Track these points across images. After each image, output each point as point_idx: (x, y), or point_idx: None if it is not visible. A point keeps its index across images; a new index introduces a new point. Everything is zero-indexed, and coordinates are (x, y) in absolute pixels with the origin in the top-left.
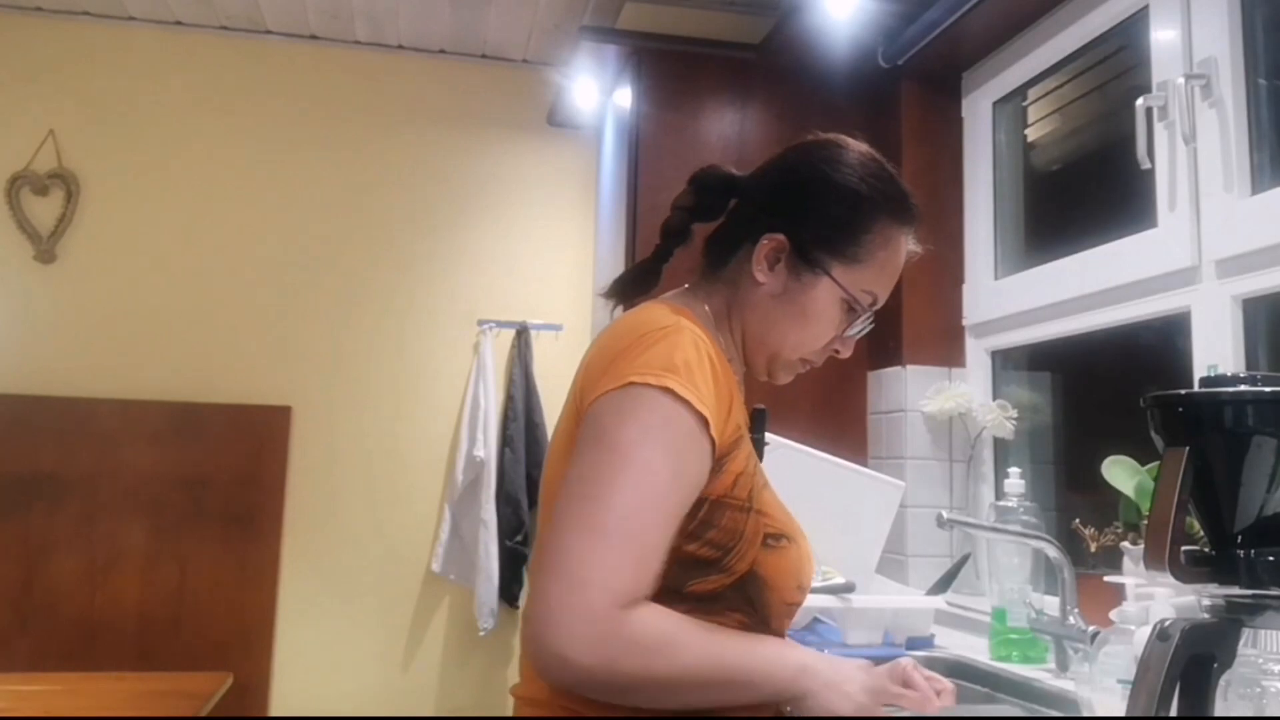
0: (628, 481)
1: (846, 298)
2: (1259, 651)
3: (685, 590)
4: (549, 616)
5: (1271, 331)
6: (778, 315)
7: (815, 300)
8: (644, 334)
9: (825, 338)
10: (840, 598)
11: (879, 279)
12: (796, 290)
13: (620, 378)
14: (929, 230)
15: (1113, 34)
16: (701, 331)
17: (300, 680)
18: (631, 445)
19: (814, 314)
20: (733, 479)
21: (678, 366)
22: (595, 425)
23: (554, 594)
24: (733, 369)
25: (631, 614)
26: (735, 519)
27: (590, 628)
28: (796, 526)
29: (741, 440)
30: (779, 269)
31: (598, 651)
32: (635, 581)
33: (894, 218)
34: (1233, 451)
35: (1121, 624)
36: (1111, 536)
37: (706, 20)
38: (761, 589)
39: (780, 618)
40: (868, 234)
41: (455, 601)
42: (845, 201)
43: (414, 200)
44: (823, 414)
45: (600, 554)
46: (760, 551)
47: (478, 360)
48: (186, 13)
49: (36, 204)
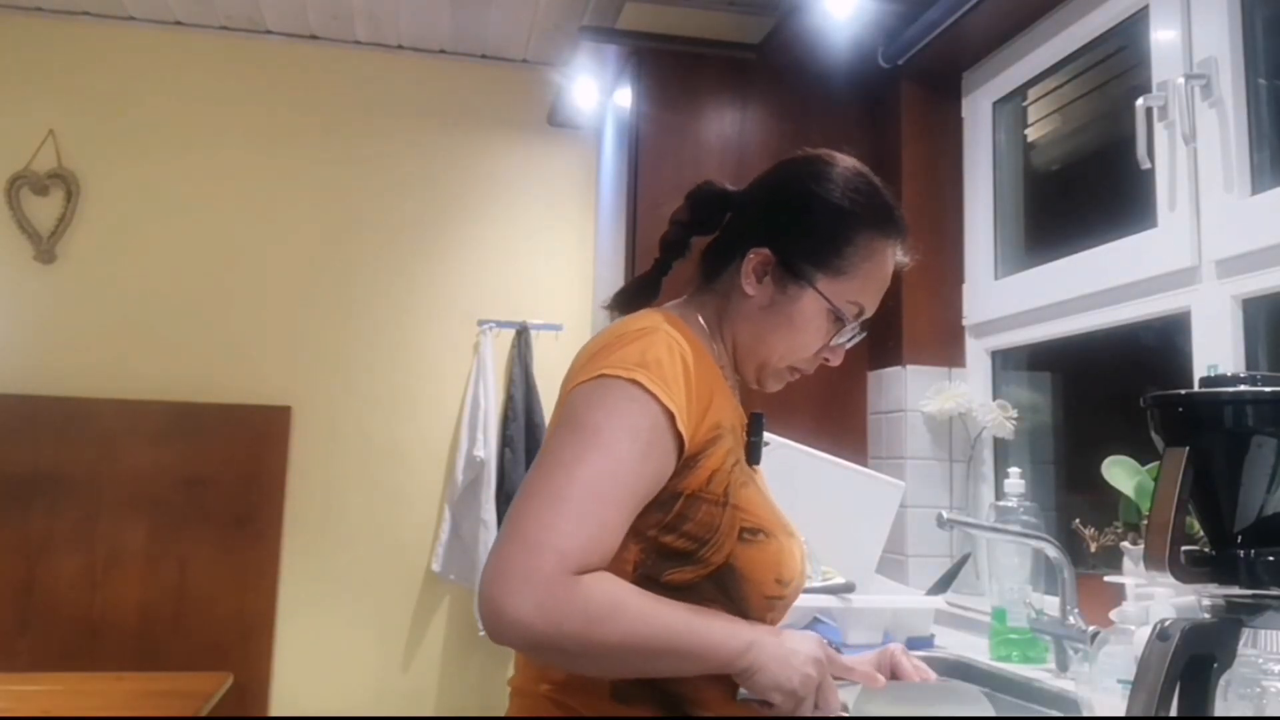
0: (592, 458)
1: (831, 309)
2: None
3: (662, 580)
4: (500, 577)
5: (1271, 331)
6: (765, 326)
7: (801, 312)
8: (622, 334)
9: (812, 348)
10: (840, 598)
11: (864, 290)
12: (783, 302)
13: (594, 370)
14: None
15: (1113, 34)
16: (681, 337)
17: (300, 680)
18: (599, 429)
19: (800, 325)
20: (708, 475)
21: (649, 363)
22: (568, 410)
23: (507, 555)
24: (724, 375)
25: (582, 580)
26: (711, 513)
27: (538, 589)
28: (779, 523)
29: (718, 440)
30: (766, 282)
31: (544, 613)
32: (588, 550)
33: (878, 230)
34: (1233, 451)
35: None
36: (1111, 536)
37: (706, 20)
38: (738, 581)
39: (760, 610)
40: (850, 246)
41: (455, 601)
42: (827, 216)
43: (414, 200)
44: (823, 414)
45: (556, 519)
46: (737, 545)
47: (478, 360)
48: (186, 13)
49: (36, 204)
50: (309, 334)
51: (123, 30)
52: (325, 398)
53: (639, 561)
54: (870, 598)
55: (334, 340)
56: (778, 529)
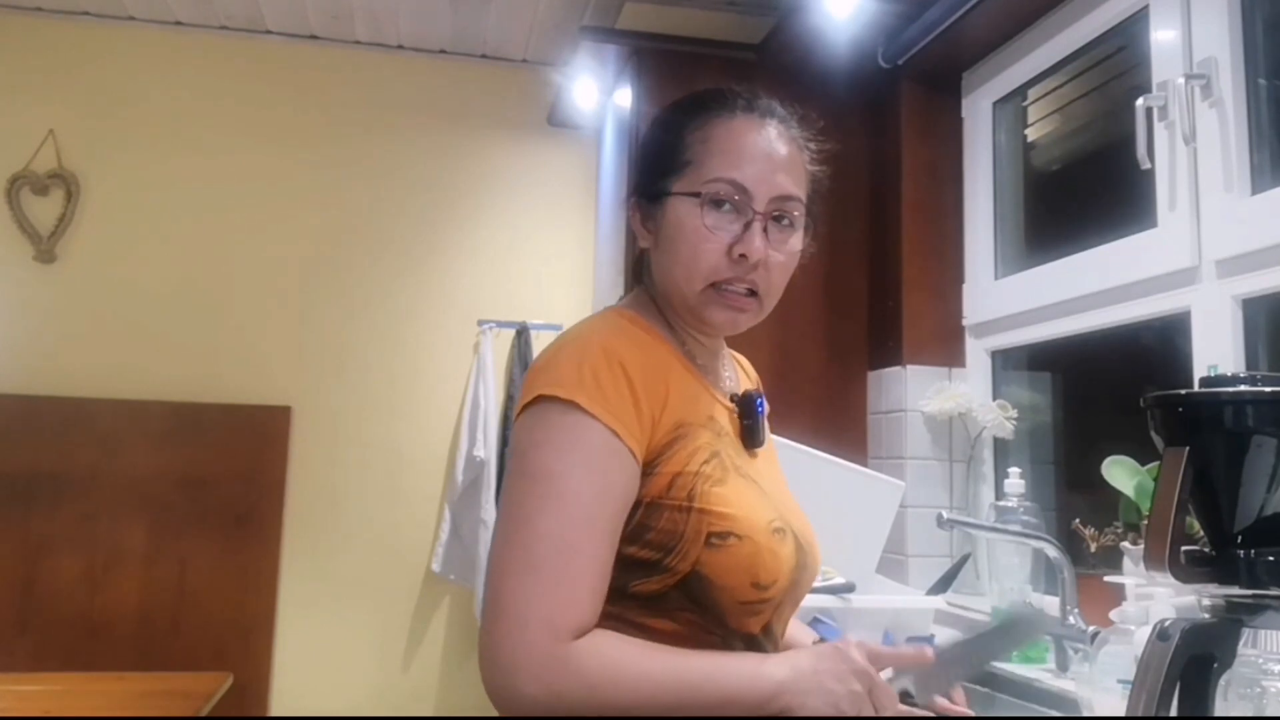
0: (554, 510)
1: (696, 198)
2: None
3: (629, 591)
4: (495, 656)
5: (1271, 331)
6: (664, 260)
7: (674, 221)
8: (559, 346)
9: (711, 249)
10: (840, 598)
11: (723, 164)
12: (661, 228)
13: (532, 392)
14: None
15: (1113, 34)
16: (623, 338)
17: (300, 680)
18: (551, 470)
19: (683, 234)
20: (668, 480)
21: (585, 379)
22: (516, 447)
23: (496, 634)
24: (694, 362)
25: (577, 646)
26: (673, 519)
27: (534, 665)
28: (758, 522)
29: (680, 440)
30: (648, 225)
31: (546, 687)
32: (576, 611)
33: (702, 114)
34: (1233, 451)
35: (1121, 624)
36: (1111, 536)
37: (706, 20)
38: (707, 588)
39: (740, 616)
40: (682, 142)
41: (455, 601)
42: (655, 137)
43: (414, 200)
44: (823, 414)
45: (536, 590)
46: (703, 551)
47: (478, 360)
48: (186, 13)
49: (36, 204)
50: (309, 334)
51: (123, 30)
52: (325, 398)
53: None
54: (870, 598)
55: (334, 340)
56: (754, 529)
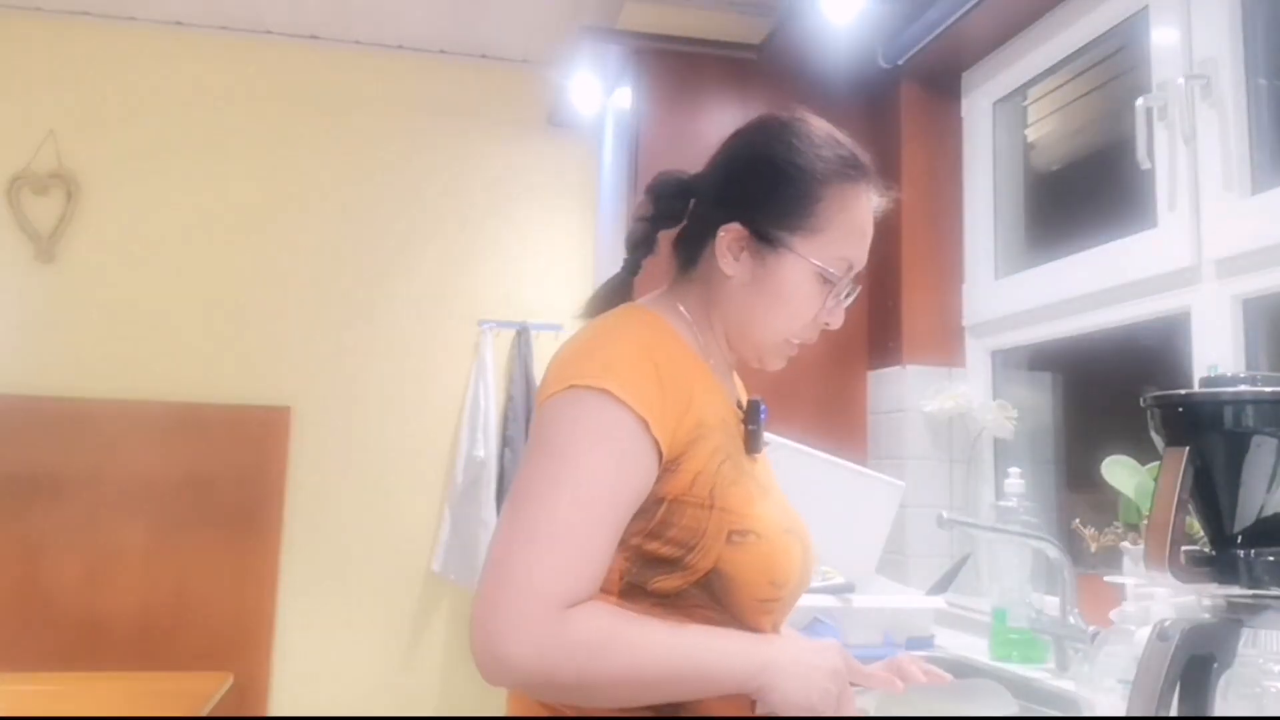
0: (569, 486)
1: (817, 269)
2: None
3: (649, 587)
4: (489, 621)
5: (1271, 331)
6: (753, 302)
7: (786, 280)
8: (590, 337)
9: (806, 314)
10: (840, 598)
11: (846, 242)
12: (765, 274)
13: (563, 381)
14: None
15: (1113, 34)
16: (653, 334)
17: (300, 680)
18: (573, 450)
19: (788, 293)
20: (691, 478)
21: (618, 369)
22: (540, 431)
23: (494, 599)
24: (711, 366)
25: (571, 616)
26: (696, 517)
27: (528, 632)
28: (772, 522)
29: (701, 439)
30: (744, 257)
31: (537, 654)
32: (575, 585)
33: (844, 179)
34: (1233, 451)
35: (1121, 624)
36: (1111, 536)
37: (707, 20)
38: (727, 586)
39: (754, 614)
40: (820, 202)
41: (455, 601)
42: (789, 175)
43: (414, 200)
44: (823, 414)
45: (540, 559)
46: (724, 548)
47: (478, 360)
48: (186, 13)
49: (36, 204)
50: (309, 334)
51: (123, 30)
52: (325, 398)
53: (625, 570)
54: (870, 598)
55: (334, 340)
56: (770, 528)
